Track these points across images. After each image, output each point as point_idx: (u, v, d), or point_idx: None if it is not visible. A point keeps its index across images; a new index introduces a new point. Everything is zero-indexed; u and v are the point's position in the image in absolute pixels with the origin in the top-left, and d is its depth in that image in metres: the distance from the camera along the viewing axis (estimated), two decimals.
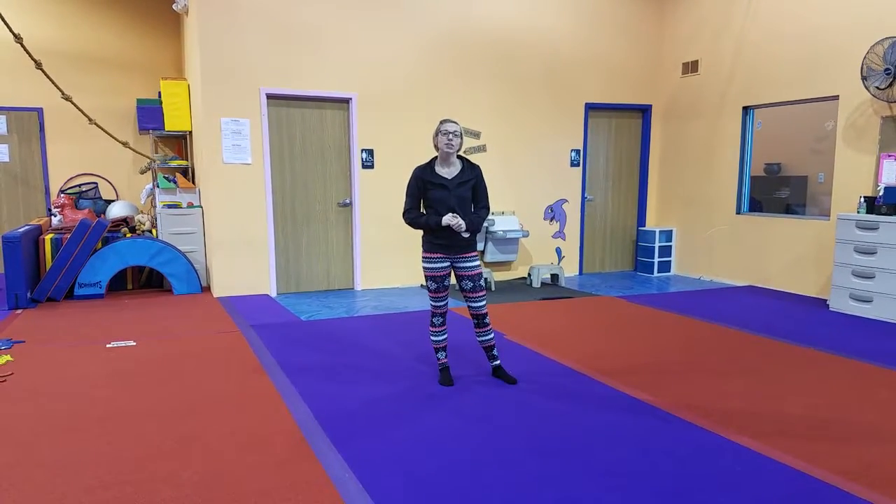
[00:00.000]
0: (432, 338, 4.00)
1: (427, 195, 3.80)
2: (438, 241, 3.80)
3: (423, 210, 3.88)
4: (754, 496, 2.57)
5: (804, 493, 2.60)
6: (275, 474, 2.75)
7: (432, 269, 3.84)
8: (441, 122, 3.78)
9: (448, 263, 3.85)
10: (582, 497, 2.56)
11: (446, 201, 3.75)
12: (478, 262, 3.89)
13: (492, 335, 3.99)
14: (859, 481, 2.70)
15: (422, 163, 3.93)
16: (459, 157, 3.86)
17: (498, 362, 4.07)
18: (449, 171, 3.81)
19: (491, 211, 7.59)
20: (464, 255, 3.85)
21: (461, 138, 3.77)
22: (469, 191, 3.82)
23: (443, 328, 3.98)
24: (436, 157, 3.85)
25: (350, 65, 6.98)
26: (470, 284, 3.87)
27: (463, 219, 3.74)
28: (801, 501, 2.53)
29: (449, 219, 3.70)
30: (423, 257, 3.87)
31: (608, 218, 8.64)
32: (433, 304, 3.95)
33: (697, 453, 2.97)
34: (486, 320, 3.94)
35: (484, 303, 3.91)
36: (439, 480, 2.70)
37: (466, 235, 3.79)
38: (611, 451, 2.98)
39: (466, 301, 3.92)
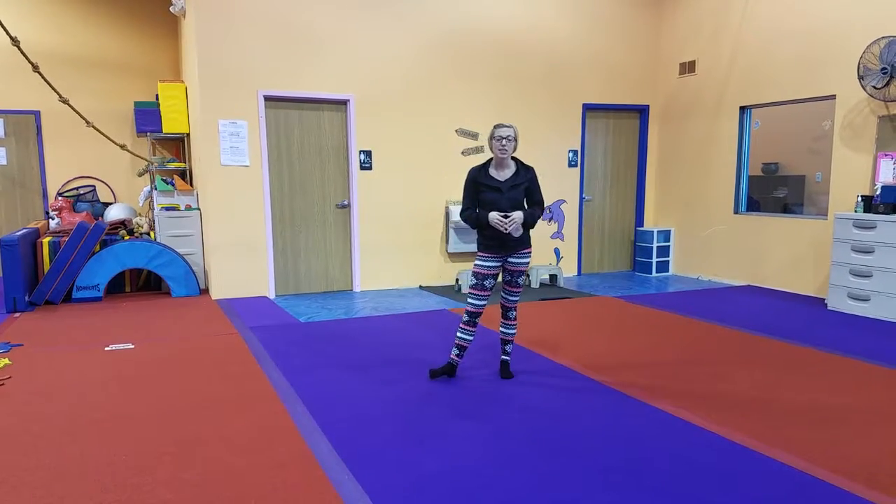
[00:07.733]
0: (459, 335, 3.99)
1: (480, 197, 3.84)
2: (490, 242, 3.85)
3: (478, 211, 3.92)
4: (753, 495, 2.57)
5: (804, 492, 2.60)
6: (274, 477, 2.75)
7: (481, 266, 3.88)
8: (494, 127, 3.81)
9: (499, 263, 3.90)
10: (582, 497, 2.56)
11: (498, 203, 3.79)
12: (527, 260, 3.95)
13: (514, 331, 4.09)
14: (859, 480, 2.70)
15: (478, 164, 4.00)
16: (514, 159, 3.89)
17: (507, 358, 4.15)
18: (503, 174, 3.84)
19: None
20: (517, 252, 3.89)
21: (515, 141, 3.81)
22: (522, 193, 3.85)
23: (473, 329, 3.96)
24: (491, 159, 3.89)
25: (348, 66, 6.98)
26: (508, 277, 3.96)
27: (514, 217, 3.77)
28: (801, 500, 2.53)
29: (496, 216, 3.73)
30: (477, 256, 3.93)
31: (606, 218, 8.64)
32: (471, 302, 3.92)
33: (696, 452, 2.97)
34: (511, 314, 4.04)
35: (517, 299, 4.01)
36: (440, 481, 2.70)
37: (517, 235, 3.81)
38: (610, 451, 2.99)
39: (502, 292, 4.03)
